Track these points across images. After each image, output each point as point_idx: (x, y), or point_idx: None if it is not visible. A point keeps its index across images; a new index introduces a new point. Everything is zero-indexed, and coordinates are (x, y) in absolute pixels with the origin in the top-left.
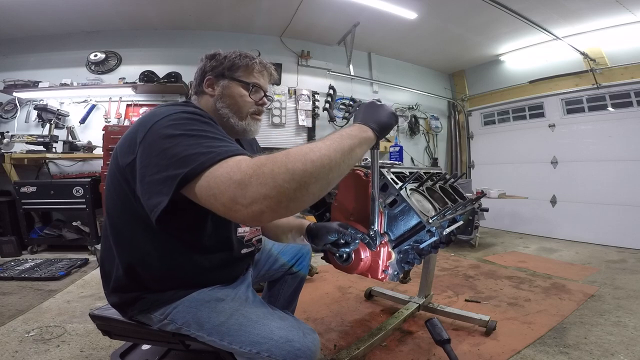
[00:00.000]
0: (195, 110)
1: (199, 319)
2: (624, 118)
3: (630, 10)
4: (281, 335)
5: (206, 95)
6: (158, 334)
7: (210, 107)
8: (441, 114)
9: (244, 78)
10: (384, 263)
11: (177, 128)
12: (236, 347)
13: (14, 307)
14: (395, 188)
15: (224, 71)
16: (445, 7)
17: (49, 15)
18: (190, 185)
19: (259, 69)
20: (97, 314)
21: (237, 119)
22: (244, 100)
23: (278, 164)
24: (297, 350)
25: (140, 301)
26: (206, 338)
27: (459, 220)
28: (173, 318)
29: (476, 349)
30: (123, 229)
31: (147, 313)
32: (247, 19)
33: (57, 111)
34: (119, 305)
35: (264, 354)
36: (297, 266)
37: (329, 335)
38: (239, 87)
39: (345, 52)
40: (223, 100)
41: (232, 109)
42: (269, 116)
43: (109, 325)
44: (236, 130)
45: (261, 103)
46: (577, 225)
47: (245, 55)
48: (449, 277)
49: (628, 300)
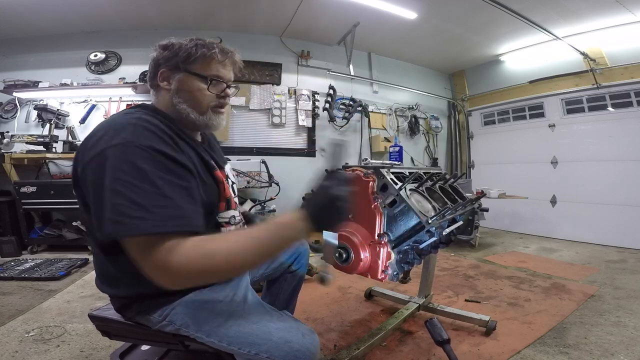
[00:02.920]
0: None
1: (198, 320)
2: (624, 118)
3: (630, 10)
4: (280, 336)
5: (162, 90)
6: (157, 335)
7: (167, 103)
8: (441, 114)
9: (202, 70)
10: (384, 263)
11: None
12: (235, 348)
13: (14, 307)
14: (395, 188)
15: (179, 63)
16: (445, 7)
17: (49, 15)
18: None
19: (219, 59)
20: (96, 314)
21: (197, 114)
22: (203, 94)
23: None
24: (296, 352)
25: (138, 303)
26: (205, 339)
27: (459, 220)
28: (172, 319)
29: (476, 349)
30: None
31: (145, 314)
32: (247, 19)
33: (57, 111)
34: (118, 307)
35: (263, 355)
36: (295, 264)
37: (329, 335)
38: (196, 80)
39: (345, 52)
40: (180, 95)
41: (191, 104)
42: (269, 116)
43: (107, 325)
44: (197, 126)
45: (223, 95)
46: (577, 225)
47: (202, 44)
48: (449, 277)
49: (628, 300)
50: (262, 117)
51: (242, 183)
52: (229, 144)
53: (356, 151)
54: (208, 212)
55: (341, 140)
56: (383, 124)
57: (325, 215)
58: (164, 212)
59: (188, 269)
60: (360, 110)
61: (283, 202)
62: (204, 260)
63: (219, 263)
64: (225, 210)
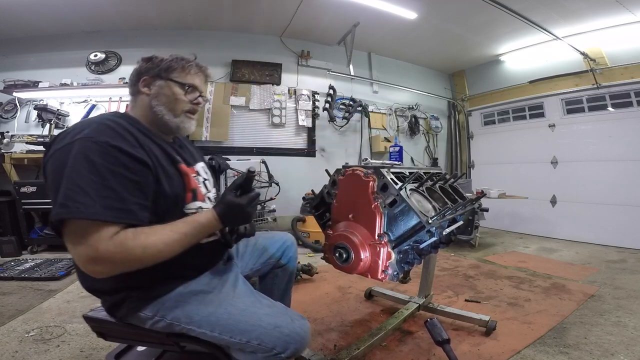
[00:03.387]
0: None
1: (188, 312)
2: (624, 118)
3: (630, 10)
4: (269, 322)
5: (142, 94)
6: (151, 335)
7: (146, 105)
8: (441, 114)
9: (180, 79)
10: (384, 263)
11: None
12: (226, 337)
13: (14, 307)
14: (395, 188)
15: (161, 72)
16: (445, 7)
17: (49, 15)
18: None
19: (195, 71)
20: (91, 315)
21: (172, 116)
22: (179, 99)
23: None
24: (286, 337)
25: (129, 300)
26: (197, 331)
27: (459, 220)
28: (162, 314)
29: (476, 349)
30: None
31: (136, 312)
32: (247, 19)
33: (57, 111)
34: (108, 307)
35: (253, 342)
36: (284, 259)
37: (329, 335)
38: (175, 87)
39: (345, 52)
40: (158, 99)
41: (167, 106)
42: (269, 116)
43: (102, 327)
44: (170, 127)
45: (196, 102)
46: (577, 225)
47: (181, 58)
48: (449, 277)
49: (628, 300)
50: (262, 117)
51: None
52: (229, 144)
53: (356, 151)
54: (173, 203)
55: (254, 169)
56: (383, 124)
57: (231, 217)
58: (105, 202)
59: (125, 261)
60: (360, 110)
61: (283, 202)
62: (143, 254)
63: (153, 256)
64: (192, 201)
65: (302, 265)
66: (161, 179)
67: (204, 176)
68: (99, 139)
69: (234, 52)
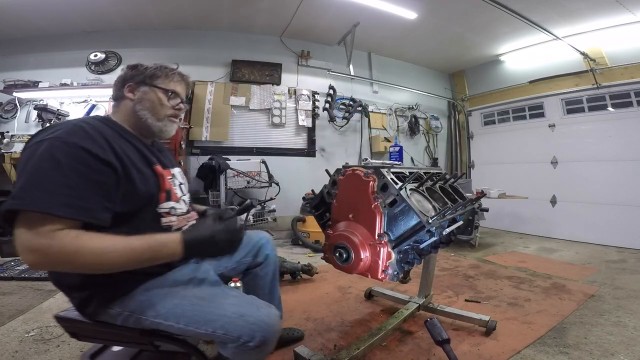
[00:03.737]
0: (83, 145)
1: (155, 305)
2: (624, 118)
3: (630, 10)
4: (234, 311)
5: (126, 99)
6: (124, 334)
7: (129, 110)
8: (441, 114)
9: (164, 85)
10: (384, 263)
11: (53, 159)
12: (192, 328)
13: (14, 307)
14: (395, 188)
15: (145, 79)
16: (445, 7)
17: (49, 15)
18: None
19: (177, 79)
20: (63, 315)
21: (155, 120)
22: (163, 104)
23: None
24: (252, 325)
25: (96, 297)
26: (164, 324)
27: (459, 220)
28: (131, 309)
29: (476, 349)
30: None
31: (105, 309)
32: (247, 19)
33: (57, 111)
34: (77, 305)
35: (219, 332)
36: (260, 257)
37: (329, 335)
38: (159, 92)
39: (345, 52)
40: (142, 104)
41: (151, 111)
42: (269, 116)
43: (74, 326)
44: (152, 131)
45: (178, 108)
46: (577, 225)
47: (165, 67)
48: (449, 277)
49: (628, 300)
50: (262, 117)
51: (242, 183)
52: (229, 144)
53: (356, 151)
54: (147, 202)
55: (252, 201)
56: (383, 124)
57: (199, 249)
58: (62, 199)
59: (56, 257)
60: (360, 110)
61: (283, 202)
62: (75, 255)
63: (86, 260)
64: (166, 201)
65: (302, 265)
66: (134, 178)
67: (180, 180)
68: (68, 139)
69: (234, 52)
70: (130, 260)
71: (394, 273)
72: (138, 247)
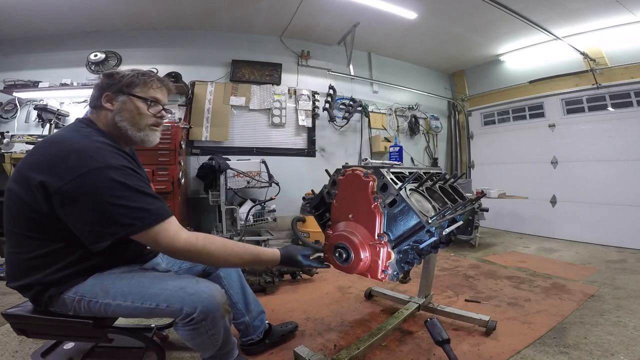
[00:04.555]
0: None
1: (106, 287)
2: (624, 118)
3: (630, 10)
4: (175, 284)
5: (104, 110)
6: (77, 327)
7: (109, 121)
8: (441, 114)
9: (142, 94)
10: (384, 263)
11: (121, 185)
12: (138, 304)
13: None
14: (395, 188)
15: (122, 88)
16: (445, 7)
17: (49, 15)
18: (138, 235)
19: (157, 85)
20: (11, 312)
21: (135, 131)
22: (142, 113)
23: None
24: (192, 295)
25: (57, 281)
26: (112, 304)
27: (459, 220)
28: (83, 293)
29: (476, 349)
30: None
31: (60, 295)
32: (247, 19)
33: (57, 111)
34: (33, 295)
35: (162, 305)
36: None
37: (329, 335)
38: (138, 101)
39: (345, 52)
40: (122, 115)
41: (131, 122)
42: (269, 116)
43: (24, 323)
44: (134, 141)
45: (159, 116)
46: (577, 225)
47: (142, 74)
48: (449, 277)
49: (628, 300)
50: (262, 117)
51: (242, 183)
52: (229, 144)
53: (356, 151)
54: None
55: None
56: (383, 124)
57: (289, 262)
58: (159, 204)
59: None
60: (360, 110)
61: (283, 202)
62: (206, 241)
63: (215, 247)
64: None
65: None
66: None
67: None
68: (116, 163)
69: (234, 52)
70: (242, 256)
71: (394, 273)
72: (249, 248)
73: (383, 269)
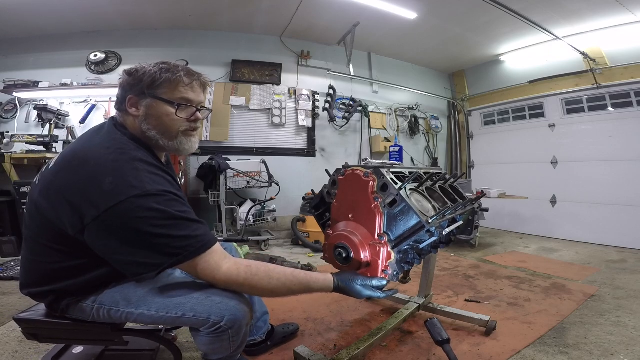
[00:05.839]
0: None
1: (127, 295)
2: (624, 118)
3: (630, 10)
4: (201, 292)
5: (130, 116)
6: (93, 331)
7: (137, 130)
8: (441, 114)
9: (168, 95)
10: (384, 263)
11: (162, 213)
12: (163, 313)
13: (14, 307)
14: (395, 188)
15: (144, 89)
16: (445, 7)
17: (49, 15)
18: (181, 264)
19: (186, 82)
20: (23, 317)
21: (167, 140)
22: (171, 119)
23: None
24: (219, 304)
25: (80, 291)
26: (135, 313)
27: (459, 220)
28: (102, 301)
29: (476, 349)
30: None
31: (78, 303)
32: (247, 19)
33: (57, 111)
34: (50, 301)
35: (188, 314)
36: None
37: (329, 335)
38: (164, 105)
39: (345, 52)
40: (149, 122)
41: (160, 130)
42: (269, 116)
43: (36, 328)
44: (168, 150)
45: (193, 119)
46: (577, 225)
47: (167, 69)
48: (449, 277)
49: (628, 300)
50: (262, 117)
51: (242, 183)
52: (229, 143)
53: (356, 151)
54: None
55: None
56: (383, 124)
57: (345, 291)
58: (199, 234)
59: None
60: (360, 110)
61: (283, 202)
62: (248, 274)
63: (258, 280)
64: None
65: (302, 265)
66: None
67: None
68: (155, 189)
69: (234, 52)
70: (291, 286)
71: (394, 273)
72: (298, 276)
73: (383, 269)
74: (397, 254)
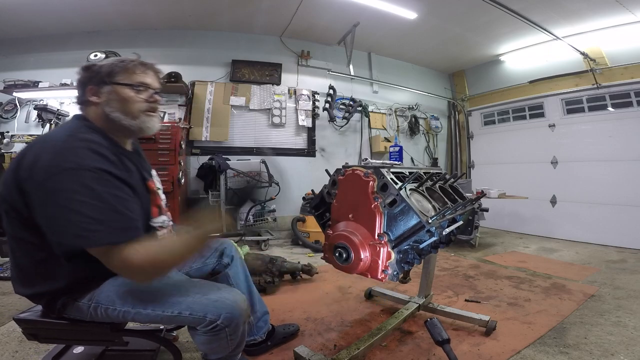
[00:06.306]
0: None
1: (123, 294)
2: (624, 118)
3: (630, 10)
4: (197, 291)
5: (92, 104)
6: (93, 331)
7: (101, 115)
8: (441, 114)
9: (127, 80)
10: (384, 263)
11: (87, 189)
12: (159, 311)
13: (14, 307)
14: (395, 188)
15: (104, 78)
16: (445, 7)
17: (49, 15)
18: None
19: (141, 70)
20: (23, 317)
21: (130, 119)
22: (133, 100)
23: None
24: (215, 302)
25: (71, 289)
26: (132, 311)
27: (459, 220)
28: (98, 300)
29: (476, 349)
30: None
31: (74, 302)
32: (247, 19)
33: (57, 111)
34: (46, 302)
35: (185, 312)
36: (225, 259)
37: (329, 335)
38: (124, 89)
39: (345, 52)
40: (111, 105)
41: (122, 111)
42: (269, 116)
43: (36, 328)
44: (132, 131)
45: (152, 100)
46: (577, 225)
47: (122, 60)
48: (449, 277)
49: (628, 300)
50: (262, 117)
51: (242, 183)
52: (229, 143)
53: (356, 151)
54: (144, 218)
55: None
56: (383, 124)
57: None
58: (117, 225)
59: (146, 266)
60: (360, 110)
61: (283, 202)
62: (158, 256)
63: (165, 259)
64: (158, 215)
65: (302, 265)
66: (138, 195)
67: (158, 185)
68: (91, 165)
69: (234, 52)
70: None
71: (394, 273)
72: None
73: (383, 269)
74: (397, 254)
